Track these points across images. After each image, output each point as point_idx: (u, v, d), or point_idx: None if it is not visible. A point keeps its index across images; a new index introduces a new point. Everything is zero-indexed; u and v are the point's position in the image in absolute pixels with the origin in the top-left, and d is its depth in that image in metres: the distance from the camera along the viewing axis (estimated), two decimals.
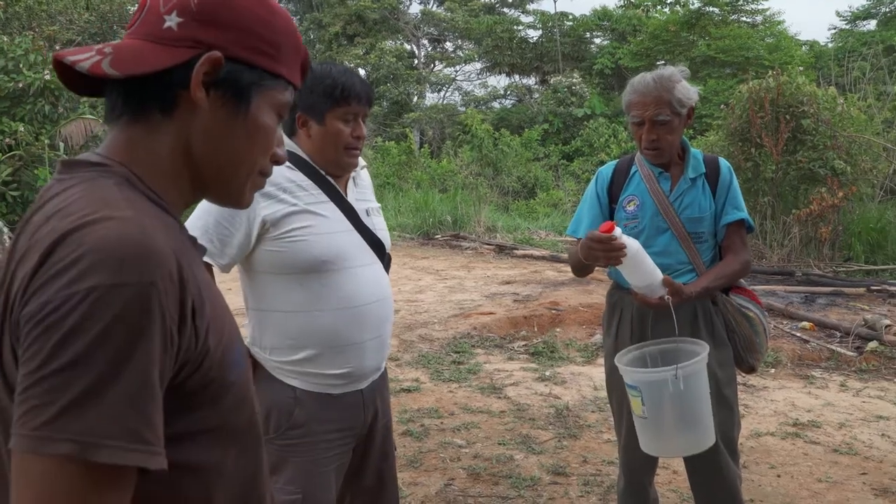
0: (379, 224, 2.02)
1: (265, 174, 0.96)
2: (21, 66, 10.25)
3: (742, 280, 2.52)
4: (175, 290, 0.77)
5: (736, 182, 2.45)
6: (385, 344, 1.98)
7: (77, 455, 0.69)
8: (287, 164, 1.87)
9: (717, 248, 2.46)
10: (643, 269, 2.22)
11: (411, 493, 3.28)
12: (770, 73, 9.41)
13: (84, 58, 0.84)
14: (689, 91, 2.32)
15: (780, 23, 21.84)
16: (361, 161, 2.03)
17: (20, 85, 10.14)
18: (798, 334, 5.81)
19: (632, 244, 2.16)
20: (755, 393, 4.67)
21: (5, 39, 10.52)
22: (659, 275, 2.23)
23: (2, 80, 10.13)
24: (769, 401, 4.52)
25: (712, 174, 2.42)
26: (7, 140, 9.98)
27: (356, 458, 2.00)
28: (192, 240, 0.91)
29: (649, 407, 2.13)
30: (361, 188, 2.03)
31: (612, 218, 2.46)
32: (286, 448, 1.87)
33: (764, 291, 7.38)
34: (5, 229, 9.25)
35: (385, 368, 2.05)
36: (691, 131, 15.93)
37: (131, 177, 0.85)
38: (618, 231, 2.15)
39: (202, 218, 1.82)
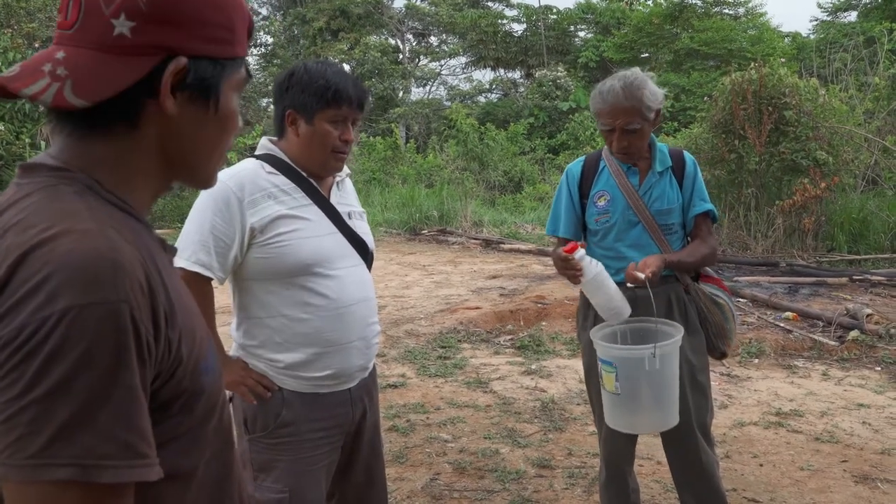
0: (362, 227, 2.02)
1: (228, 150, 0.96)
2: (0, 64, 10.14)
3: (709, 269, 2.59)
4: (146, 301, 0.76)
5: (700, 174, 2.53)
6: (371, 344, 1.99)
7: (80, 478, 0.69)
8: (270, 168, 1.88)
9: (686, 239, 2.54)
10: (602, 293, 2.28)
11: (397, 488, 3.29)
12: (752, 65, 9.46)
13: (40, 88, 0.77)
14: (656, 95, 2.37)
15: (762, 15, 21.96)
16: (346, 169, 2.04)
17: None
18: (781, 324, 5.86)
19: (590, 269, 2.23)
20: (739, 383, 4.71)
21: None
22: (623, 303, 2.29)
23: None
24: (752, 391, 4.56)
25: (678, 167, 2.49)
26: None
27: (345, 456, 2.01)
28: (161, 241, 0.89)
29: (623, 383, 2.18)
30: (345, 193, 2.04)
31: (584, 213, 2.51)
32: (274, 447, 1.88)
33: (748, 282, 7.43)
34: None
35: (374, 366, 2.07)
36: (675, 124, 16.00)
37: (92, 183, 0.82)
38: (580, 253, 2.22)
39: (199, 233, 1.81)
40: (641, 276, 2.20)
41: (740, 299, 6.64)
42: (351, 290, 1.91)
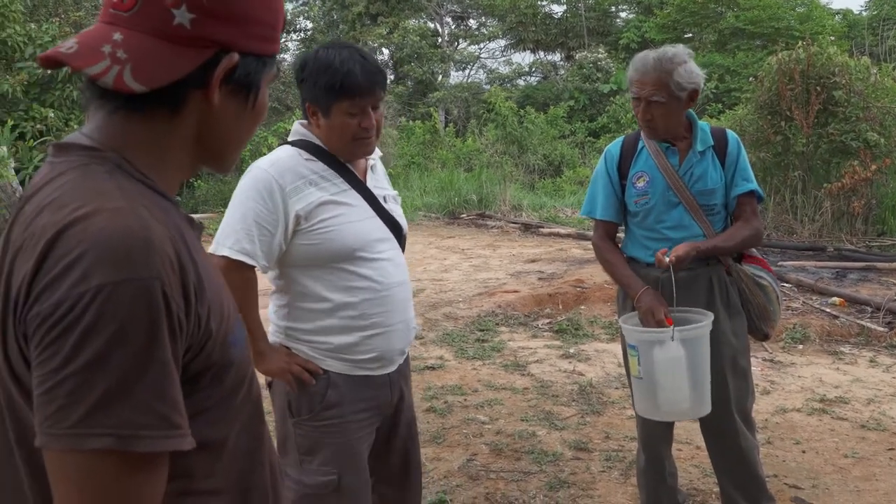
0: (397, 211, 2.03)
1: None
2: None
3: (754, 249, 2.53)
4: (177, 277, 0.78)
5: (744, 153, 2.47)
6: (410, 327, 2.01)
7: (117, 447, 0.72)
8: (307, 154, 1.89)
9: (728, 219, 2.48)
10: (670, 383, 2.19)
11: (434, 468, 3.32)
12: (800, 43, 9.19)
13: (101, 70, 0.79)
14: (692, 74, 2.31)
15: None
16: (378, 151, 2.04)
17: (48, 72, 10.29)
18: (828, 310, 5.72)
19: (671, 351, 2.16)
20: (782, 369, 4.62)
21: (33, 27, 10.68)
22: (692, 402, 2.22)
23: (31, 67, 10.30)
24: (796, 377, 4.47)
25: (720, 146, 2.44)
26: (38, 126, 10.16)
27: (382, 438, 2.04)
28: (189, 218, 0.91)
29: (644, 367, 2.18)
30: (378, 176, 2.04)
31: (623, 194, 2.48)
32: (319, 429, 1.90)
33: (793, 267, 7.27)
34: (19, 189, 9.37)
35: (408, 352, 2.09)
36: (719, 106, 15.65)
37: (123, 163, 0.84)
38: (675, 334, 2.17)
39: (242, 221, 1.81)
40: (666, 259, 2.20)
41: (785, 284, 6.49)
42: (393, 273, 1.93)
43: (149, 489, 0.75)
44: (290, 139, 1.96)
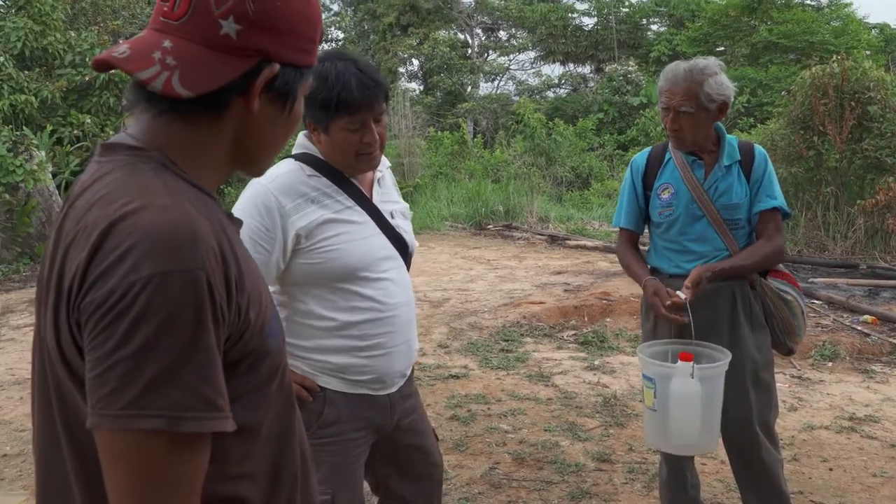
0: (405, 226, 1.98)
1: None
2: (87, 60, 10.65)
3: (781, 265, 2.52)
4: (220, 268, 0.82)
5: (771, 169, 2.46)
6: (412, 348, 1.97)
7: (166, 428, 0.76)
8: (310, 170, 1.82)
9: (753, 235, 2.47)
10: (683, 417, 2.19)
11: (456, 475, 3.33)
12: (834, 57, 9.08)
13: (151, 75, 0.84)
14: (722, 86, 2.32)
15: (847, 5, 21.00)
16: (386, 161, 1.99)
17: (87, 78, 10.55)
18: (859, 328, 5.64)
19: (688, 386, 2.14)
20: (810, 386, 4.56)
21: (73, 35, 10.94)
22: (694, 436, 2.22)
23: (69, 73, 10.56)
24: (825, 394, 4.41)
25: (747, 161, 2.44)
26: (75, 131, 10.41)
27: (387, 451, 1.99)
28: (229, 214, 0.96)
29: (660, 400, 2.19)
30: (386, 189, 1.99)
31: (647, 205, 2.50)
32: (316, 447, 1.84)
33: (824, 284, 7.17)
34: (55, 192, 9.55)
35: (412, 372, 2.04)
36: (751, 120, 15.50)
37: (167, 162, 0.88)
38: (695, 371, 2.14)
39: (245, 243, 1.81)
40: (682, 297, 2.24)
41: (816, 301, 6.41)
42: (396, 293, 1.89)
43: (193, 468, 0.80)
44: (294, 152, 1.90)
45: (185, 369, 0.78)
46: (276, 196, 1.77)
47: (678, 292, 2.27)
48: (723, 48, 21.11)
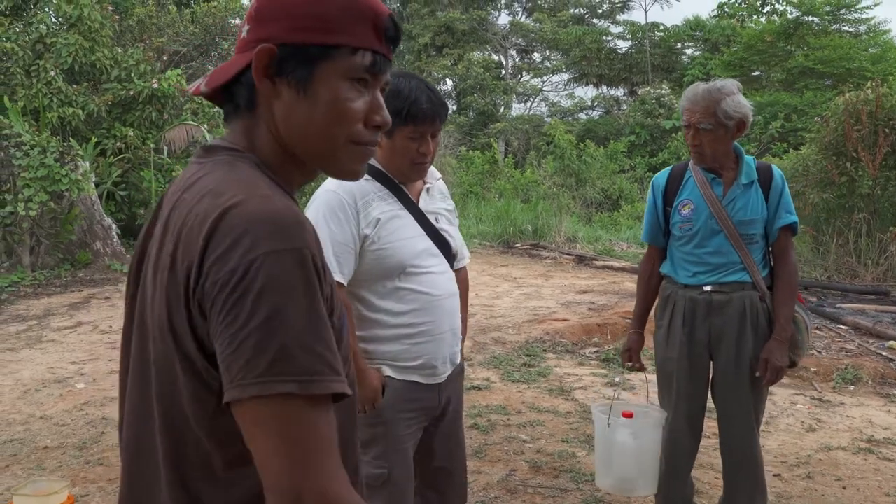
0: (450, 230, 2.16)
1: (358, 142, 1.01)
2: (132, 75, 11.06)
3: None
4: (319, 251, 0.92)
5: (787, 188, 2.61)
6: (457, 335, 2.13)
7: (300, 391, 0.83)
8: (365, 174, 2.03)
9: (767, 249, 2.59)
10: (620, 461, 2.67)
11: (474, 480, 3.43)
12: (869, 84, 9.07)
13: (196, 84, 1.02)
14: (739, 105, 2.47)
15: (885, 32, 20.84)
16: (437, 173, 2.19)
17: (131, 93, 10.94)
18: (884, 353, 5.62)
19: (620, 436, 2.57)
20: (830, 408, 4.57)
21: (119, 51, 11.36)
22: (641, 482, 2.64)
23: (115, 88, 10.96)
24: (844, 416, 4.42)
25: (765, 179, 2.57)
26: (118, 143, 10.78)
27: (427, 439, 2.15)
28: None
29: (603, 446, 2.65)
30: (434, 197, 2.16)
31: (667, 221, 2.63)
32: (371, 426, 2.03)
33: (852, 310, 7.13)
34: (114, 226, 9.98)
35: (462, 362, 2.21)
36: (785, 145, 15.41)
37: (258, 161, 1.00)
38: (611, 421, 2.56)
39: (325, 246, 1.93)
40: (642, 368, 2.77)
41: (842, 326, 6.40)
42: (442, 284, 2.06)
43: (326, 426, 0.87)
44: None
45: (308, 337, 0.84)
46: (345, 199, 1.96)
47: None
48: (758, 73, 21.05)
